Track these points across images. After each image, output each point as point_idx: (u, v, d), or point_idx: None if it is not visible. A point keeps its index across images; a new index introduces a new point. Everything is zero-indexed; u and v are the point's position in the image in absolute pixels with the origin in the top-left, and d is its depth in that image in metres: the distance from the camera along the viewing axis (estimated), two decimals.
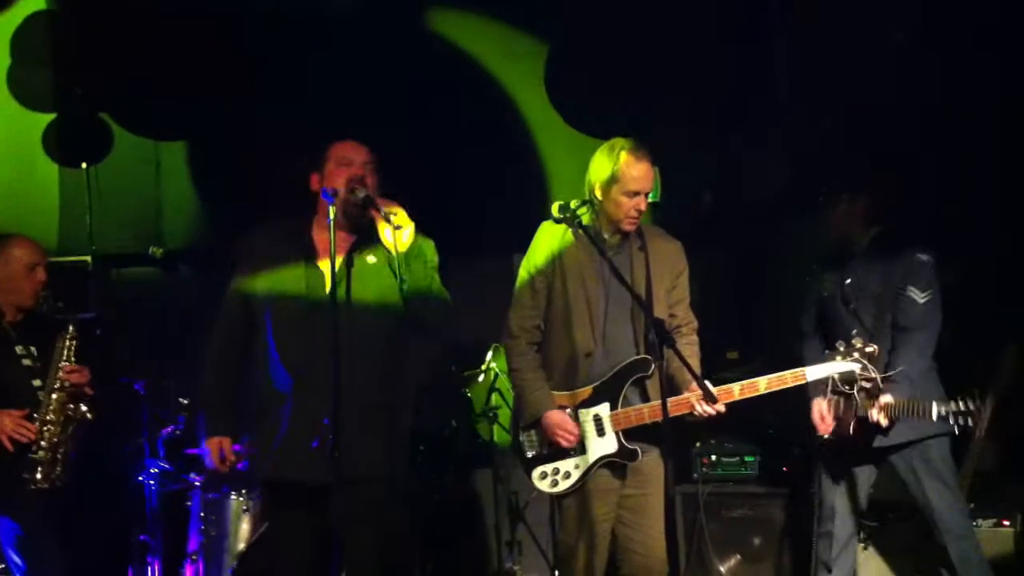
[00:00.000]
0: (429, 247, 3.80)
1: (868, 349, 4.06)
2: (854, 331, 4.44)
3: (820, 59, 5.59)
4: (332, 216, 3.58)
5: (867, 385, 4.17)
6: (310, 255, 3.78)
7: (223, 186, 6.08)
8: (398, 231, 3.56)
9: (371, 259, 3.75)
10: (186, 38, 5.77)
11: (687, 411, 3.90)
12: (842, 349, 4.10)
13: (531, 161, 6.30)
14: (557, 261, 4.03)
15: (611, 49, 5.96)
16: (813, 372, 4.01)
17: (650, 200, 6.01)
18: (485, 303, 4.67)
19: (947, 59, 5.27)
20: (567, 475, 4.01)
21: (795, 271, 4.84)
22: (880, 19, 5.41)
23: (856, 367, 4.05)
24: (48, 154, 5.94)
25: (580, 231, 3.96)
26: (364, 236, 3.74)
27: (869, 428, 4.35)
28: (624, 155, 3.96)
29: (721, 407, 3.87)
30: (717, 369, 5.54)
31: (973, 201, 5.36)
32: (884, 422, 4.28)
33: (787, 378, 3.96)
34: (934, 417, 4.21)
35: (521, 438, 4.07)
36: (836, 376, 4.07)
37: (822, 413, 4.47)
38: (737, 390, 3.93)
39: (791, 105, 5.86)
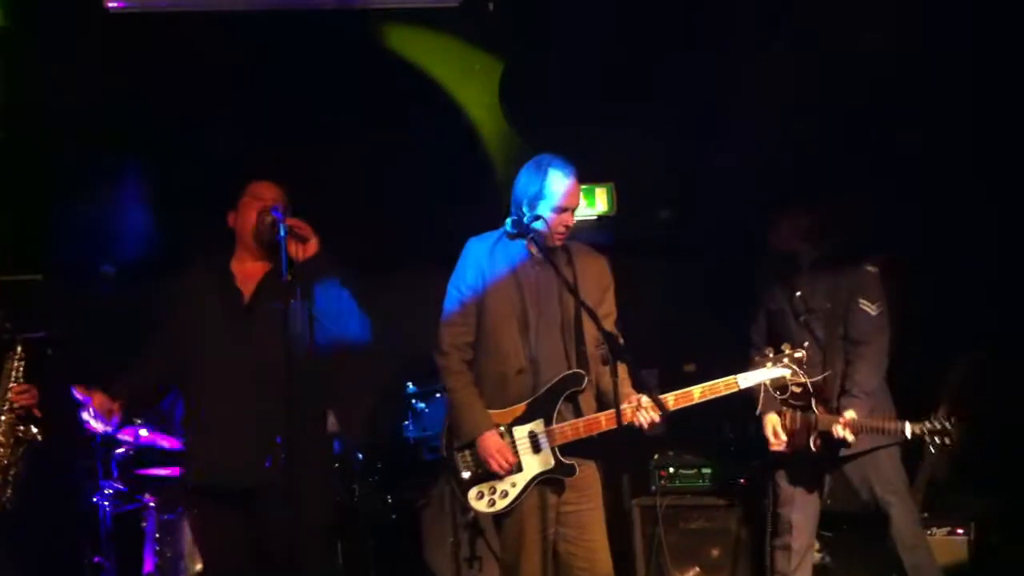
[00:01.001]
0: (335, 267, 3.88)
1: (797, 355, 4.09)
2: (806, 344, 4.49)
3: (793, 68, 5.62)
4: (283, 232, 3.71)
5: (797, 390, 4.20)
6: (228, 282, 3.94)
7: (176, 201, 6.03)
8: (303, 244, 3.75)
9: (288, 278, 3.77)
10: (139, 52, 5.72)
11: (628, 423, 3.88)
12: (771, 355, 4.13)
13: (487, 177, 6.30)
14: (486, 277, 4.03)
15: (568, 63, 5.97)
16: (745, 379, 4.02)
17: (604, 213, 6.15)
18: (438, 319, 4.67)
19: (923, 65, 5.34)
20: (504, 494, 3.99)
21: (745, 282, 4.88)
22: (855, 26, 5.45)
23: (786, 372, 4.07)
24: None
25: (533, 247, 3.99)
26: (279, 260, 3.78)
27: (831, 443, 4.41)
28: (551, 171, 3.98)
29: (657, 417, 3.88)
30: (673, 380, 5.60)
31: (933, 211, 5.43)
32: (851, 438, 4.34)
33: (720, 386, 3.99)
34: (907, 436, 4.28)
35: (456, 458, 4.04)
36: (768, 382, 4.09)
37: (775, 430, 4.52)
38: (672, 399, 3.95)
39: (762, 114, 5.89)
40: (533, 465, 3.98)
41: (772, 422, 4.52)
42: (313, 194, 4.17)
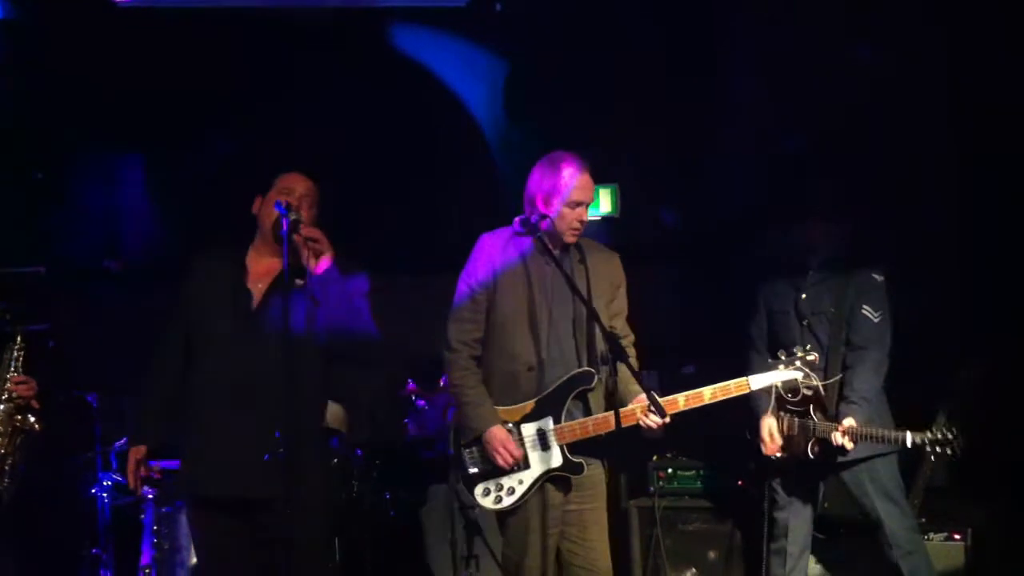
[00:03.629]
0: (355, 277, 3.85)
1: (809, 358, 4.10)
2: (808, 347, 4.48)
3: (789, 74, 5.62)
4: (286, 228, 3.66)
5: (808, 393, 4.18)
6: (241, 277, 3.87)
7: (180, 197, 6.06)
8: (317, 256, 3.69)
9: (298, 282, 3.76)
10: (144, 48, 5.74)
11: (633, 423, 3.90)
12: (784, 358, 4.12)
13: (487, 177, 6.31)
14: (497, 273, 4.01)
15: (571, 64, 5.98)
16: (756, 381, 4.02)
17: (608, 214, 6.15)
18: (441, 318, 4.67)
19: (917, 73, 5.33)
20: (511, 491, 3.97)
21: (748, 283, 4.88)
22: (848, 34, 5.45)
23: (798, 375, 4.08)
24: (3, 163, 5.88)
25: (540, 245, 3.97)
26: (294, 261, 3.76)
27: (829, 450, 4.40)
28: (564, 166, 3.97)
29: (666, 419, 3.88)
30: (673, 383, 5.60)
31: (933, 218, 5.42)
32: (850, 446, 4.32)
33: (731, 387, 3.99)
34: (908, 445, 4.26)
35: (463, 454, 4.03)
36: (779, 384, 4.09)
37: (771, 432, 4.51)
38: (682, 400, 3.95)
39: (759, 120, 5.89)
40: (540, 463, 3.97)
41: (768, 425, 4.52)
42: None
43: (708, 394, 3.97)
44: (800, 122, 5.63)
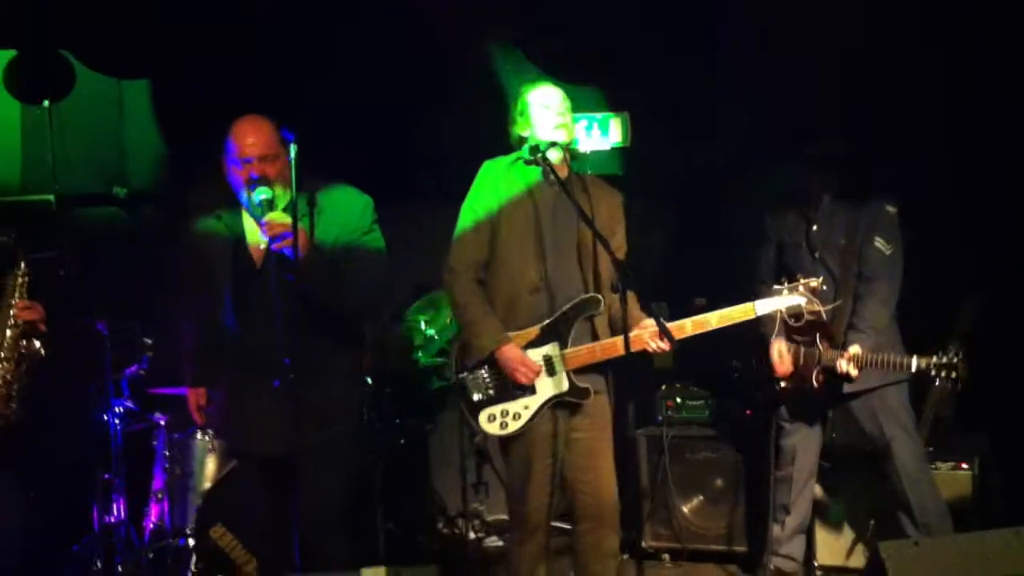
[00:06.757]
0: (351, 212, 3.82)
1: (813, 284, 4.07)
2: (820, 277, 4.46)
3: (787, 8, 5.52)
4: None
5: (812, 318, 4.14)
6: (239, 237, 3.79)
7: (186, 125, 6.00)
8: (281, 240, 3.60)
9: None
10: None
11: (641, 348, 3.91)
12: (788, 284, 4.10)
13: (497, 107, 6.24)
14: (501, 197, 4.02)
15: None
16: (762, 306, 4.01)
17: (618, 145, 6.08)
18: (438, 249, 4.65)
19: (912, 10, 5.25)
20: (517, 416, 3.97)
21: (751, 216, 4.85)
22: None
23: (802, 300, 4.05)
24: (9, 91, 5.83)
25: (550, 172, 3.97)
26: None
27: (834, 379, 4.40)
28: (526, 90, 4.10)
29: (675, 344, 3.87)
30: (683, 313, 5.57)
31: (935, 154, 5.35)
32: (854, 373, 4.32)
33: (737, 313, 3.98)
34: (913, 370, 4.25)
35: (467, 379, 4.02)
36: (783, 310, 4.06)
37: (781, 353, 4.51)
38: (689, 326, 3.97)
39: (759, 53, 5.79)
40: (546, 388, 3.97)
41: (778, 348, 4.53)
42: (317, 124, 4.09)
43: (715, 319, 3.98)
44: (808, 59, 5.53)
